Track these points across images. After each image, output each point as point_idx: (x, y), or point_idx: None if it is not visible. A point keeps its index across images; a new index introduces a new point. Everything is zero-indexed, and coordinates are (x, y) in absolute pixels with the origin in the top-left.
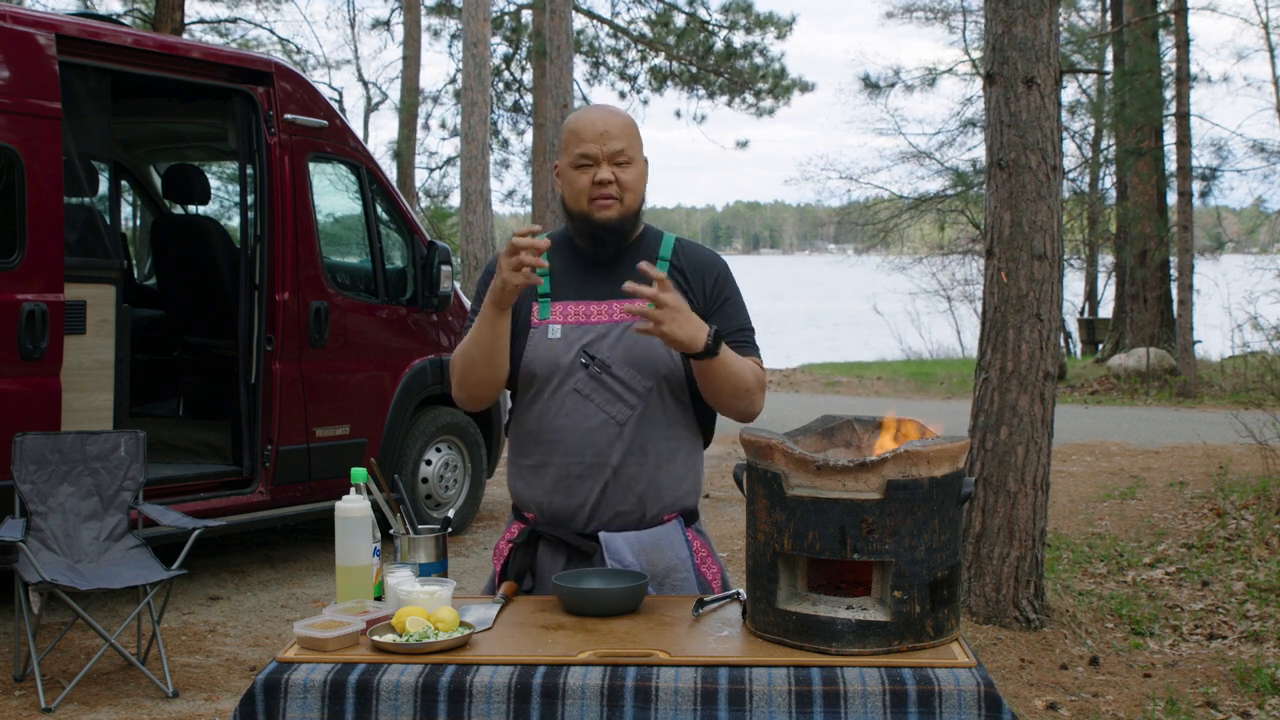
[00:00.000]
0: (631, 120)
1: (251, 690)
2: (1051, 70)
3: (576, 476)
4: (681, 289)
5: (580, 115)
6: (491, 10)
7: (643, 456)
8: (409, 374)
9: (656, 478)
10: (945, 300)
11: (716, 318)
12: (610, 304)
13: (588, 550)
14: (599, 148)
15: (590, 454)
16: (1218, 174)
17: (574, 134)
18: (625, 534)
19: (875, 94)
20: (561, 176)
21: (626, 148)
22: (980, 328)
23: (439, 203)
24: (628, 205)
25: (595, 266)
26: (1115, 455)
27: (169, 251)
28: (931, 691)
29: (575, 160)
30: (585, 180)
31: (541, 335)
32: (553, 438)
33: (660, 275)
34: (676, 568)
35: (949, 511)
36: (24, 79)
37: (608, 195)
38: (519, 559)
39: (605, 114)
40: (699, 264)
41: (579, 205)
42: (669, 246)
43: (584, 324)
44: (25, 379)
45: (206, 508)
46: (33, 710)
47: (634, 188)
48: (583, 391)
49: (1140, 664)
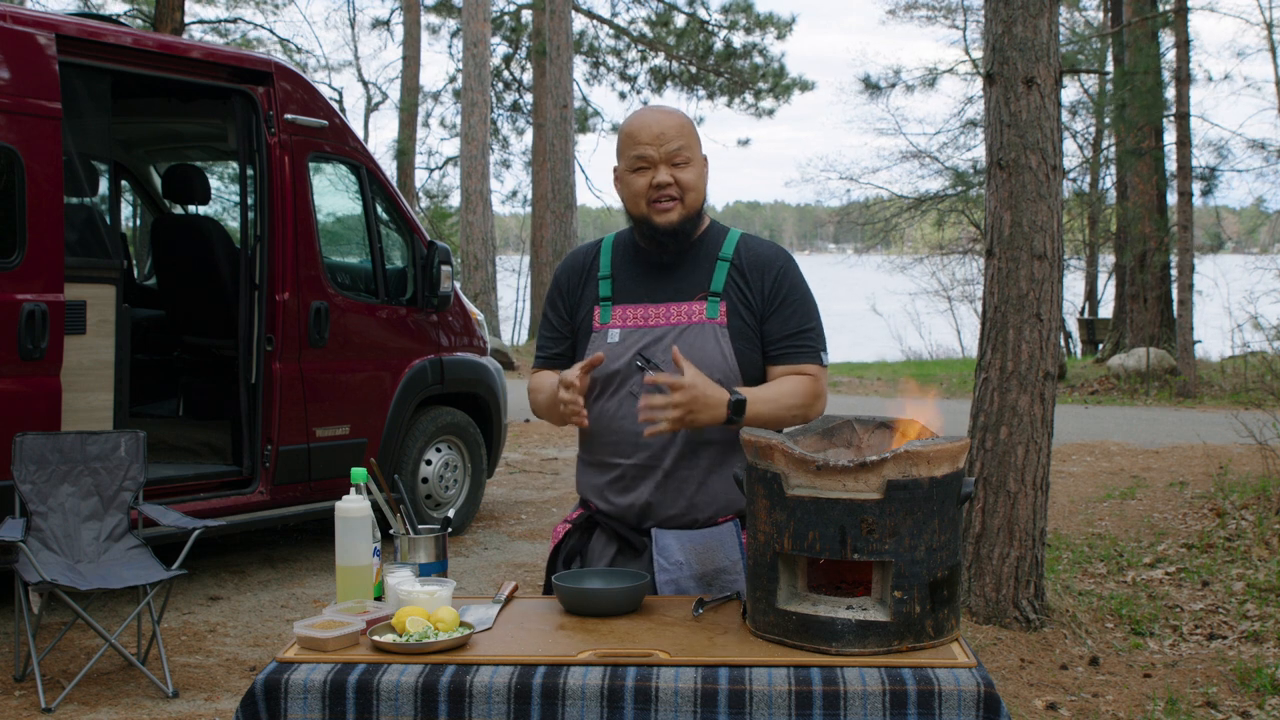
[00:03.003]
0: (687, 119)
1: (252, 690)
2: (1051, 70)
3: (632, 477)
4: (741, 291)
5: (635, 117)
6: (491, 10)
7: (694, 459)
8: (409, 374)
9: (708, 481)
10: (945, 300)
11: (773, 320)
12: (669, 306)
13: (639, 545)
14: (656, 150)
15: (644, 456)
16: (1218, 174)
17: (630, 136)
18: (678, 532)
19: (875, 94)
20: (620, 181)
21: (684, 147)
22: (980, 328)
23: (439, 203)
24: (689, 206)
25: (657, 268)
26: (1115, 455)
27: (169, 251)
28: (931, 692)
29: (632, 163)
30: (643, 183)
31: (601, 339)
32: (611, 438)
33: (667, 380)
34: (727, 570)
35: (949, 511)
36: (24, 79)
37: (668, 197)
38: (573, 541)
39: (660, 114)
40: (760, 262)
41: (638, 209)
42: (731, 245)
43: (642, 327)
44: (25, 379)
45: (206, 508)
46: (33, 710)
47: (695, 187)
48: (637, 394)
49: (1140, 664)
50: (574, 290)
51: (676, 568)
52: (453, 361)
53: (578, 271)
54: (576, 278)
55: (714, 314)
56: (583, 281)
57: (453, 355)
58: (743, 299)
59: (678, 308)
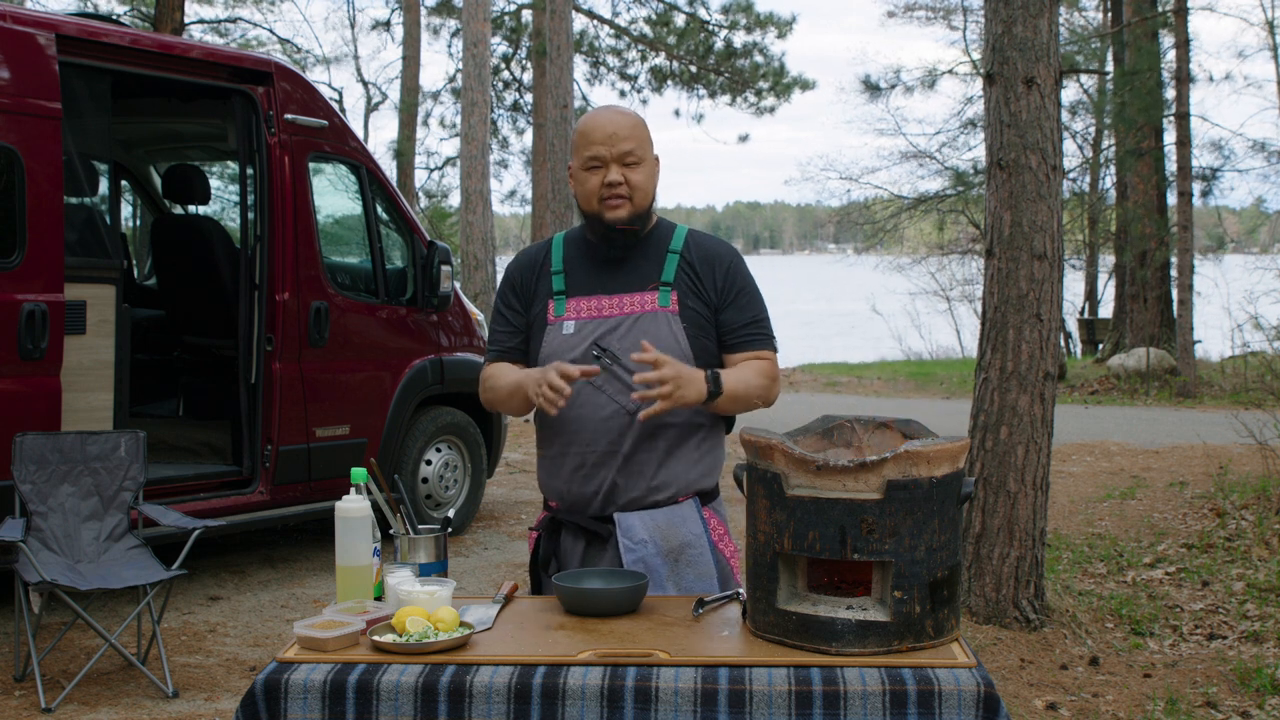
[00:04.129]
0: (640, 120)
1: (252, 690)
2: (1051, 70)
3: (592, 465)
4: (692, 281)
5: (590, 117)
6: (491, 10)
7: (652, 443)
8: (409, 374)
9: (667, 463)
10: (945, 300)
11: (729, 310)
12: (621, 297)
13: (604, 534)
14: (608, 149)
15: (603, 443)
16: (1218, 174)
17: (584, 136)
18: (639, 513)
19: (876, 95)
20: (574, 178)
21: (635, 148)
22: (980, 328)
23: (439, 203)
24: (637, 204)
25: (608, 262)
26: (1115, 455)
27: (169, 251)
28: (931, 692)
29: (585, 162)
30: (595, 181)
31: (556, 331)
32: (570, 428)
33: (656, 357)
34: (691, 544)
35: (949, 511)
36: (24, 79)
37: (618, 196)
38: (544, 546)
39: (613, 115)
40: (710, 256)
41: (590, 206)
42: (680, 239)
43: (596, 318)
44: (25, 379)
45: (206, 508)
46: (33, 710)
47: (643, 187)
48: (595, 383)
49: (1140, 664)
50: (527, 285)
51: (641, 545)
52: (453, 361)
53: (530, 267)
54: (529, 273)
55: (666, 302)
56: (535, 276)
57: (453, 355)
58: (694, 289)
59: (630, 298)
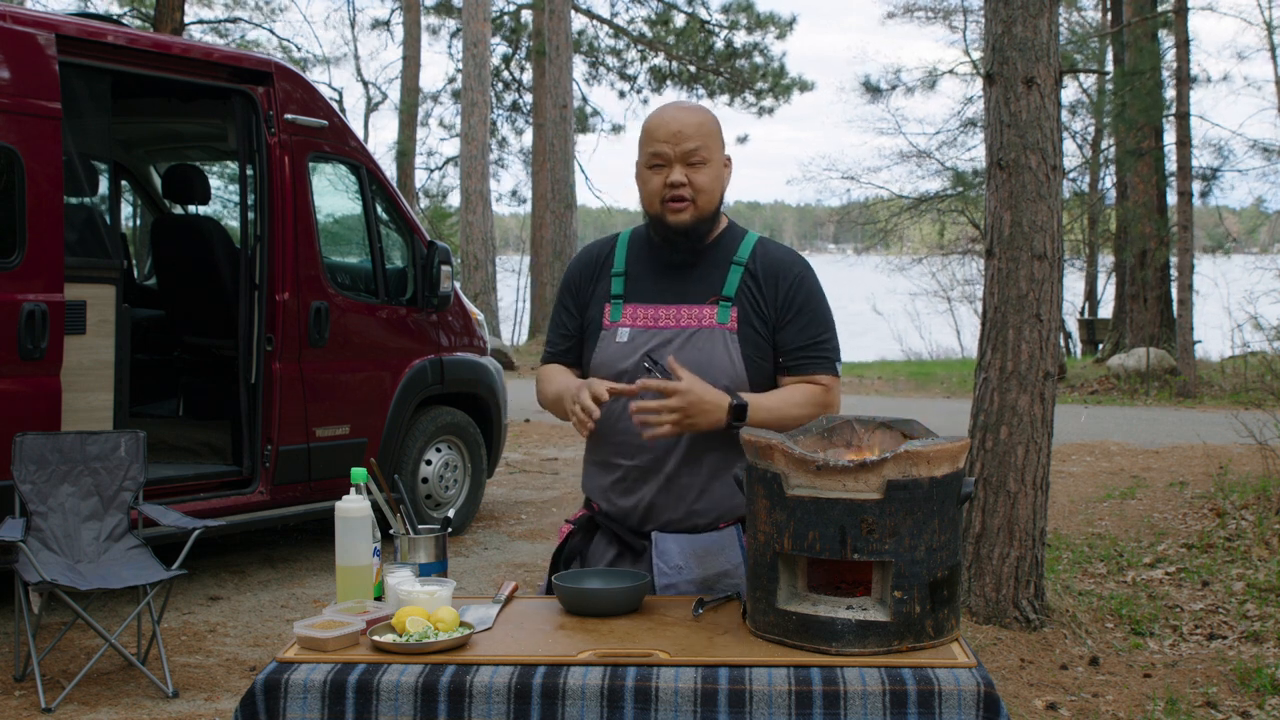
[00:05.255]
0: (710, 118)
1: (252, 690)
2: (1051, 70)
3: (634, 479)
4: (753, 296)
5: (657, 113)
6: (491, 10)
7: (697, 466)
8: (409, 374)
9: (710, 487)
10: (945, 301)
11: (787, 329)
12: (680, 308)
13: (639, 548)
14: (672, 148)
15: (647, 459)
16: (1218, 174)
17: (648, 133)
18: (678, 536)
19: (876, 97)
20: (638, 176)
21: (701, 147)
22: (980, 328)
23: (439, 203)
24: (701, 208)
25: (671, 268)
26: (1115, 455)
27: (169, 251)
28: (931, 692)
29: (649, 159)
30: (658, 181)
31: (610, 338)
32: (616, 439)
33: (660, 385)
34: (728, 574)
35: (949, 511)
36: (24, 79)
37: (680, 198)
38: (574, 542)
39: (682, 112)
40: (775, 268)
41: (653, 207)
42: (748, 249)
43: (651, 328)
44: (25, 379)
45: (206, 508)
46: (33, 710)
47: (709, 189)
48: (644, 396)
49: (1140, 664)
50: (585, 286)
51: (675, 572)
52: (453, 361)
53: (591, 265)
54: (589, 272)
55: (724, 319)
56: (595, 277)
57: (453, 355)
58: (755, 305)
59: (689, 310)
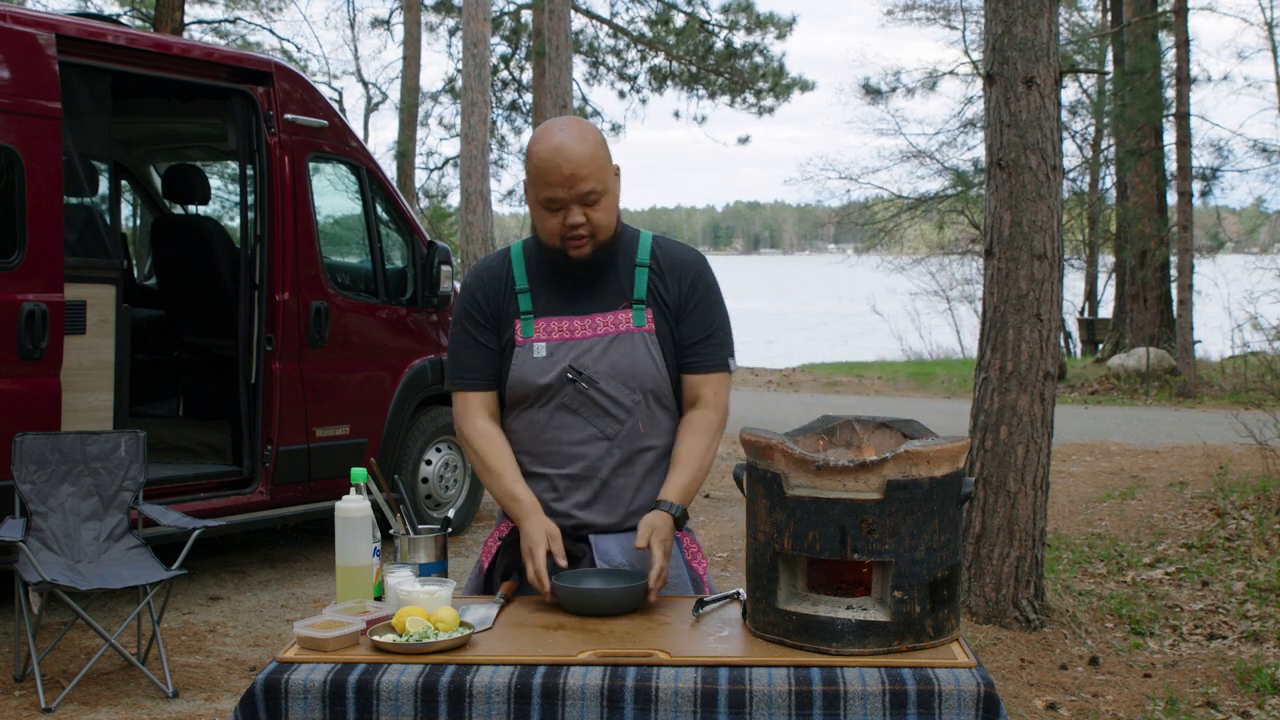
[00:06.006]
0: (596, 145)
1: (252, 690)
2: (1051, 70)
3: (565, 488)
4: (659, 295)
5: (544, 152)
6: (491, 10)
7: (630, 468)
8: (409, 374)
9: (644, 486)
10: (945, 300)
11: (687, 322)
12: (594, 317)
13: (576, 553)
14: (567, 191)
15: (579, 466)
16: (1218, 174)
17: (540, 174)
18: (615, 536)
19: (876, 99)
20: (532, 209)
21: (595, 185)
22: (980, 328)
23: (439, 203)
24: (601, 240)
25: (576, 279)
26: (1115, 455)
27: (169, 251)
28: (931, 692)
29: (544, 202)
30: (556, 222)
31: (527, 353)
32: (542, 450)
33: (655, 576)
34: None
35: (949, 511)
36: (24, 79)
37: (579, 236)
38: (506, 558)
39: (570, 149)
40: (676, 263)
41: (552, 242)
42: (646, 248)
43: (569, 340)
44: (25, 379)
45: (206, 508)
46: (33, 710)
47: (606, 222)
48: (570, 406)
49: (1140, 664)
50: (495, 303)
51: None
52: None
53: (496, 283)
54: (496, 288)
55: (641, 322)
56: (502, 294)
57: None
58: (663, 304)
59: (603, 318)
